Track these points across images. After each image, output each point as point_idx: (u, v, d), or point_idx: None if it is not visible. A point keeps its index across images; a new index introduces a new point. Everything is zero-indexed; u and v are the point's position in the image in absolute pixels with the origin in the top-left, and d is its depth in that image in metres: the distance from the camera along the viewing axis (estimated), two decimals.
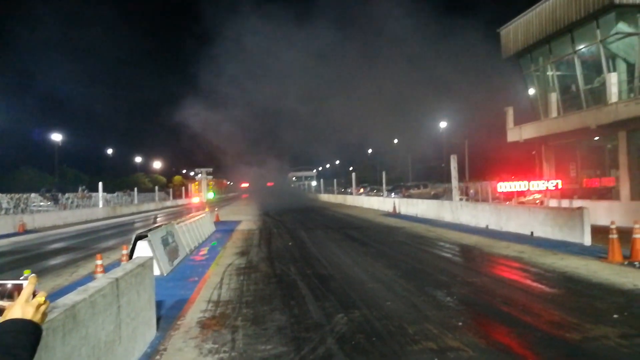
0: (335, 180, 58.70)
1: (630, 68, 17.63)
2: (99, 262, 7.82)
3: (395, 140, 78.29)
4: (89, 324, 3.71)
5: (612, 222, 9.87)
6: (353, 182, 46.88)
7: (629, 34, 17.19)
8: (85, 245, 16.57)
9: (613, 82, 16.82)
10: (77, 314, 3.49)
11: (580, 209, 12.73)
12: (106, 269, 7.65)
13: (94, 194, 37.87)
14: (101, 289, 4.07)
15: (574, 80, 19.56)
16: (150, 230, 10.31)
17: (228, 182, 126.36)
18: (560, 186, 19.06)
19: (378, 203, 33.40)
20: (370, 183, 63.59)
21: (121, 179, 65.73)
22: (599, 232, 12.00)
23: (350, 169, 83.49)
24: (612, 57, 17.94)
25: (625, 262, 9.27)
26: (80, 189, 39.74)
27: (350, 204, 40.95)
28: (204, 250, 13.58)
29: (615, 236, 9.69)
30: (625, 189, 16.94)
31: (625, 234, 9.81)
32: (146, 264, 5.72)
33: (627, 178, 16.90)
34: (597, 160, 20.50)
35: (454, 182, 21.48)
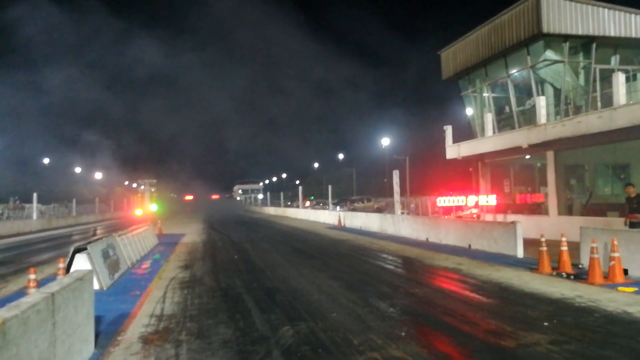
0: (282, 193, 58.55)
1: (557, 92, 19.04)
2: (32, 276, 7.34)
3: (341, 156, 79.80)
4: (20, 342, 3.52)
5: (542, 236, 10.50)
6: (300, 195, 47.05)
7: (556, 61, 18.62)
8: (16, 259, 15.50)
9: (542, 105, 18.05)
10: (7, 332, 3.31)
11: (513, 223, 13.47)
12: (40, 284, 7.23)
13: (27, 205, 35.54)
14: (35, 305, 3.88)
15: (508, 102, 20.84)
16: (89, 242, 9.86)
17: (172, 195, 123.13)
18: (495, 201, 20.06)
19: (324, 216, 33.66)
20: (317, 196, 64.06)
21: (59, 189, 62.10)
22: (530, 245, 12.74)
23: (297, 182, 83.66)
24: (541, 81, 19.31)
25: (554, 273, 9.91)
26: (11, 199, 37.23)
27: (297, 217, 40.96)
28: (147, 264, 13.11)
29: (544, 249, 10.34)
30: (553, 205, 18.12)
31: (553, 247, 10.49)
32: (85, 278, 5.48)
33: (554, 194, 18.09)
34: (529, 178, 21.86)
35: (396, 196, 22.10)
